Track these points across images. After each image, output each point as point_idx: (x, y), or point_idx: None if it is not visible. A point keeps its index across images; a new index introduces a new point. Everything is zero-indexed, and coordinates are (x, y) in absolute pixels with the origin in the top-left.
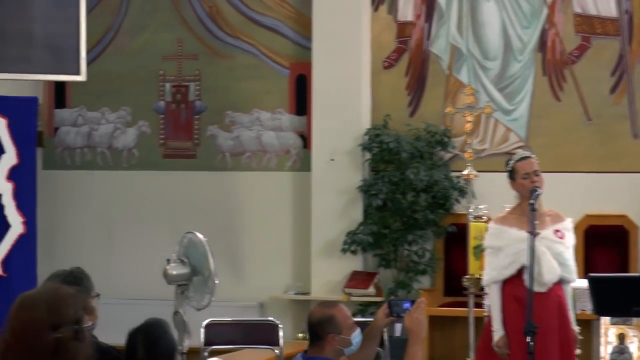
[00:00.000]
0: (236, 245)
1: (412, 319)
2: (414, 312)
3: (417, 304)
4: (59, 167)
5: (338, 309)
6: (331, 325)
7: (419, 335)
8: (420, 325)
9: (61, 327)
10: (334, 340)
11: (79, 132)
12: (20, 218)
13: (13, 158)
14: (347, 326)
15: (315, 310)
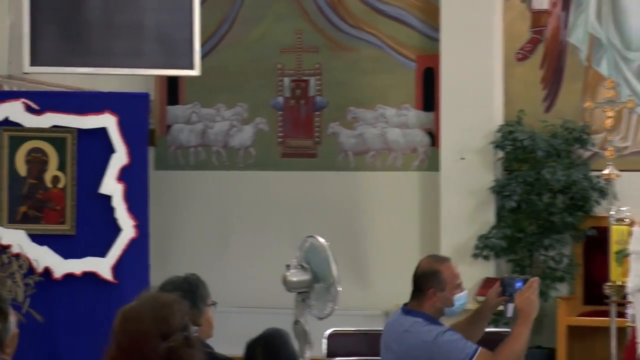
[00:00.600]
0: (360, 250)
1: (523, 298)
2: (525, 291)
3: (529, 283)
4: (171, 167)
5: (446, 265)
6: (435, 280)
7: (528, 316)
8: (531, 305)
9: (171, 336)
10: (435, 297)
11: (192, 130)
12: (132, 221)
13: (124, 158)
14: (452, 284)
15: (423, 262)
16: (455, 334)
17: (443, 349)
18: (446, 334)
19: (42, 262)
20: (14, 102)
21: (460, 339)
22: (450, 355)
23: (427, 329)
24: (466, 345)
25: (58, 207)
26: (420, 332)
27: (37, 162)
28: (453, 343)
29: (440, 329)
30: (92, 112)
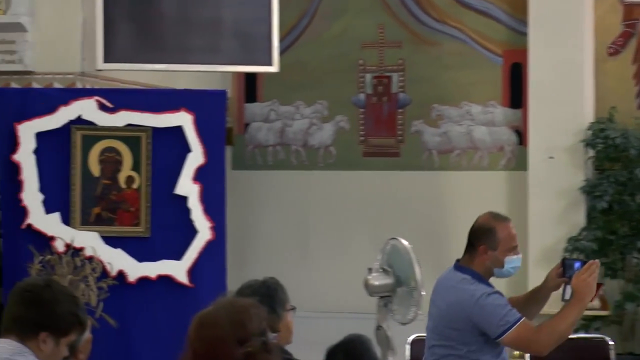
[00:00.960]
0: (444, 252)
1: (579, 280)
2: (582, 272)
3: (587, 265)
4: (249, 167)
5: (504, 225)
6: (488, 238)
7: (582, 298)
8: (586, 288)
9: (248, 341)
10: (485, 255)
11: (271, 129)
12: (209, 223)
13: (200, 157)
14: (505, 246)
15: (481, 218)
16: (501, 298)
17: (484, 311)
18: (491, 296)
19: (115, 265)
20: (87, 100)
21: (505, 305)
22: (490, 319)
23: (473, 288)
24: (509, 312)
25: (132, 209)
26: (465, 289)
27: (110, 162)
28: (496, 308)
29: (487, 290)
30: (167, 110)
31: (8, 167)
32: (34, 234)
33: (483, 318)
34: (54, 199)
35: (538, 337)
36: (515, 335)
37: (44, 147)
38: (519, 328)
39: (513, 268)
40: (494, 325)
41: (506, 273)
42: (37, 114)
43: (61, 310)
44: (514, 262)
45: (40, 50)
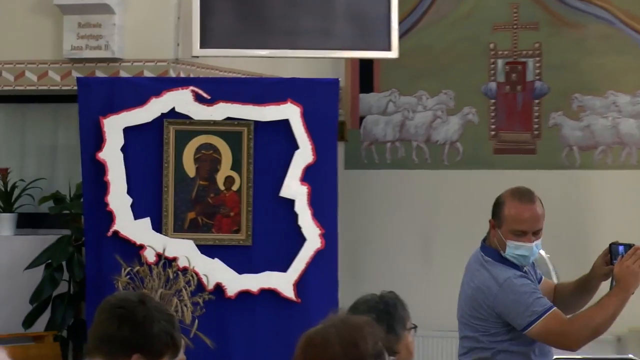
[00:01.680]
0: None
1: (622, 266)
2: (626, 258)
3: (633, 250)
4: (364, 166)
5: (516, 203)
6: (496, 211)
7: (626, 287)
8: (630, 275)
9: None
10: (494, 230)
11: (389, 122)
12: (318, 230)
13: (309, 155)
14: (509, 226)
15: (507, 190)
16: (530, 284)
17: (508, 299)
18: (518, 280)
19: (213, 278)
20: (181, 90)
21: (532, 292)
22: (515, 308)
23: (498, 270)
24: (537, 301)
25: (232, 213)
26: (490, 272)
27: (207, 161)
28: (521, 295)
29: (513, 273)
30: (272, 102)
31: (92, 166)
32: (121, 242)
33: (507, 307)
34: (143, 203)
35: (569, 330)
36: (543, 328)
37: (132, 144)
38: (548, 319)
39: (518, 256)
40: (519, 315)
41: (510, 259)
42: (125, 106)
43: (156, 330)
44: (516, 249)
45: (130, 34)
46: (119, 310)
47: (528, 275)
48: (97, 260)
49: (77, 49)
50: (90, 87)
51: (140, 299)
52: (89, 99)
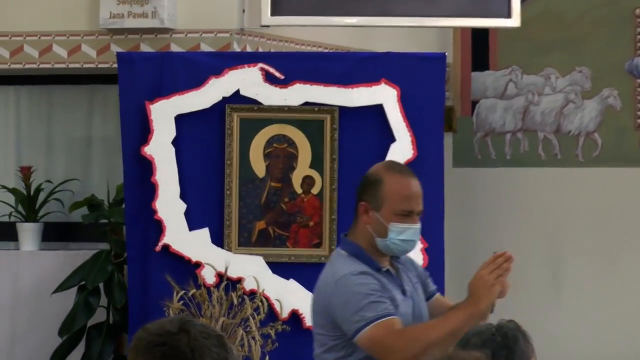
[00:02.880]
0: None
1: (475, 276)
2: (482, 267)
3: (491, 259)
4: (477, 163)
5: (397, 178)
6: (370, 191)
7: (475, 301)
8: (483, 287)
9: None
10: (366, 216)
11: (509, 108)
12: (420, 243)
13: (408, 149)
14: (392, 205)
15: (372, 167)
16: (370, 285)
17: (340, 298)
18: (356, 278)
19: (287, 304)
20: (248, 68)
21: (370, 294)
22: (345, 309)
23: (342, 264)
24: (371, 306)
25: (311, 223)
26: (333, 267)
27: (281, 157)
28: (355, 295)
29: (354, 269)
30: (361, 83)
31: (136, 164)
32: (172, 258)
33: (337, 309)
34: (200, 210)
35: (395, 344)
36: (370, 338)
37: (186, 136)
38: (377, 328)
39: (400, 242)
40: (347, 319)
41: (392, 247)
42: (177, 88)
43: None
44: (401, 233)
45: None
46: (161, 349)
47: (384, 277)
48: (143, 281)
49: (117, 16)
50: (134, 64)
51: (180, 326)
52: (132, 80)
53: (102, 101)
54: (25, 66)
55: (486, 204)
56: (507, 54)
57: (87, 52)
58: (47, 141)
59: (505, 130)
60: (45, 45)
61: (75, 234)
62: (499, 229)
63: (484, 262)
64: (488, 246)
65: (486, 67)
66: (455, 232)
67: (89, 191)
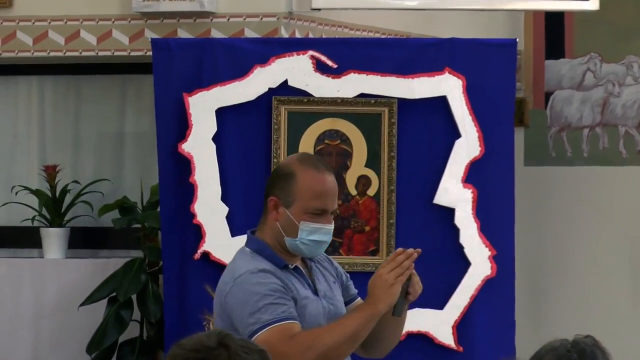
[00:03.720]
0: None
1: (375, 275)
2: (383, 266)
3: (392, 256)
4: (552, 162)
5: (311, 173)
6: (282, 186)
7: (374, 301)
8: (382, 287)
9: None
10: (276, 212)
11: (587, 100)
12: (487, 250)
13: (474, 146)
14: (304, 202)
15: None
16: (271, 285)
17: (237, 297)
18: (256, 276)
19: None
20: (297, 56)
21: (270, 294)
22: (241, 309)
23: (244, 262)
24: (269, 307)
25: (367, 228)
26: (234, 264)
27: (333, 154)
28: (252, 295)
29: (254, 266)
30: (423, 72)
31: (173, 162)
32: (213, 267)
33: (233, 309)
34: (245, 214)
35: (288, 350)
36: (263, 341)
37: (229, 131)
38: (273, 332)
39: (311, 242)
40: (243, 320)
41: (302, 248)
42: (218, 79)
43: None
44: (312, 233)
45: None
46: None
47: (291, 274)
48: (180, 292)
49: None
50: (171, 52)
51: (219, 341)
52: (169, 69)
53: (135, 93)
54: (50, 54)
55: (561, 206)
56: (584, 40)
57: (119, 38)
58: (74, 137)
59: (582, 124)
60: (72, 31)
61: (105, 240)
62: (575, 235)
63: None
64: (563, 254)
65: (561, 55)
66: (527, 239)
67: (120, 193)
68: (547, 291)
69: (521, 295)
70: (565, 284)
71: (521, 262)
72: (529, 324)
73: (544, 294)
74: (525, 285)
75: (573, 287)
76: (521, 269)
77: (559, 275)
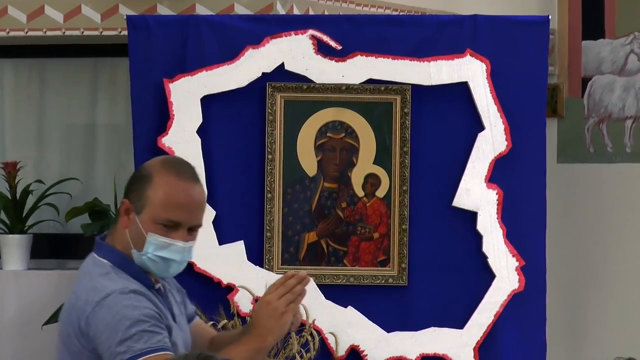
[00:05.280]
0: None
1: (262, 302)
2: (270, 291)
3: (282, 279)
4: (589, 158)
5: (170, 178)
6: (134, 187)
7: (262, 332)
8: (271, 315)
9: None
10: (126, 217)
11: (630, 87)
12: (514, 260)
13: (500, 140)
14: (155, 210)
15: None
16: (146, 309)
17: (104, 320)
18: (127, 298)
19: (345, 338)
20: (295, 36)
21: (145, 320)
22: (108, 334)
23: (109, 280)
24: (143, 335)
25: (376, 234)
26: (89, 283)
27: (337, 150)
28: (122, 320)
29: (124, 286)
30: (440, 55)
31: (151, 158)
32: (197, 280)
33: (98, 333)
34: (234, 218)
35: None
36: None
37: (217, 123)
38: None
39: (159, 259)
40: (111, 348)
41: (149, 264)
42: (204, 62)
43: None
44: (159, 248)
45: None
46: None
47: (156, 297)
48: None
49: None
50: (149, 31)
51: None
52: (147, 51)
53: (108, 79)
54: (9, 34)
55: (600, 209)
56: (627, 17)
57: (89, 15)
58: (38, 130)
59: (625, 115)
60: (36, 7)
61: (73, 248)
62: (616, 242)
63: (271, 285)
64: (602, 265)
65: (601, 35)
66: (560, 247)
67: (91, 194)
68: (584, 307)
69: (553, 312)
70: (604, 299)
71: (553, 274)
72: (563, 346)
73: (580, 310)
74: (558, 300)
75: (614, 303)
76: (553, 281)
77: (598, 288)
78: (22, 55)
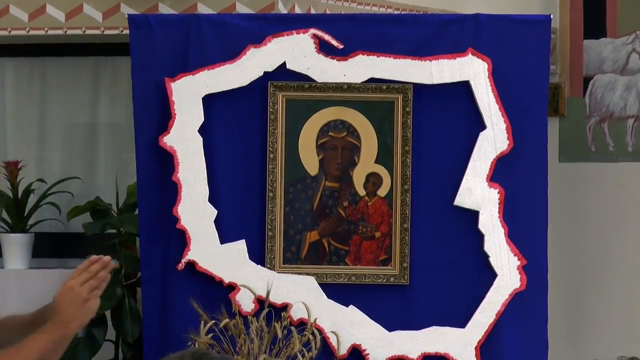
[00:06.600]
0: None
1: (64, 287)
2: (73, 276)
3: (85, 264)
4: (591, 157)
5: None
6: None
7: (64, 319)
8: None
9: None
10: None
11: (632, 86)
12: (516, 259)
13: (501, 139)
14: None
15: None
16: None
17: None
18: None
19: (347, 337)
20: (297, 35)
21: None
22: None
23: None
24: None
25: (378, 233)
26: None
27: (339, 149)
28: None
29: None
30: (442, 54)
31: (153, 158)
32: (199, 279)
33: None
34: (235, 217)
35: None
36: None
37: (218, 122)
38: None
39: None
40: None
41: None
42: (206, 61)
43: None
44: None
45: None
46: None
47: None
48: (161, 308)
49: None
50: (151, 30)
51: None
52: (149, 50)
53: (110, 78)
54: (11, 33)
55: (602, 209)
56: (629, 16)
57: (91, 14)
58: (39, 129)
59: (626, 114)
60: (37, 6)
61: (74, 248)
62: (618, 241)
63: (77, 269)
64: (604, 264)
65: (603, 34)
66: (562, 246)
67: (92, 193)
68: (586, 307)
69: (555, 311)
70: (606, 297)
71: (555, 273)
72: (565, 345)
73: (582, 310)
74: (559, 299)
75: (616, 301)
76: (555, 281)
77: (600, 288)
78: (23, 54)
